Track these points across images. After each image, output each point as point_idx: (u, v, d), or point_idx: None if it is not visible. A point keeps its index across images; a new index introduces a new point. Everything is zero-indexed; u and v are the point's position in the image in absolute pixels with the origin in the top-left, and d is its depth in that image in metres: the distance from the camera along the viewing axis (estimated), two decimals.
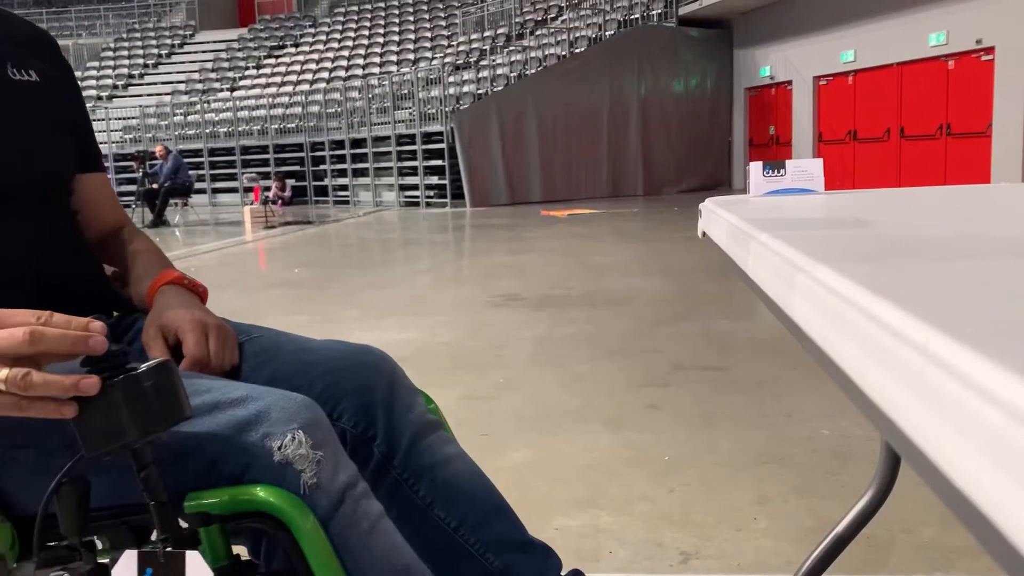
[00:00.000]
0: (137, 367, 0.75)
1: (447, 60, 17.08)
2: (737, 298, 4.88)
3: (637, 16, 16.20)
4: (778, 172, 1.41)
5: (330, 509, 0.84)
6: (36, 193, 1.08)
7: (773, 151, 15.81)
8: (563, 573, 1.10)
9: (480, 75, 15.66)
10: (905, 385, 0.33)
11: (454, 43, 18.78)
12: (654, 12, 16.31)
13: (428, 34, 19.80)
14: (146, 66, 21.93)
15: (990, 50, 11.22)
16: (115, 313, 1.16)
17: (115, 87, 20.93)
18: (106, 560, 0.85)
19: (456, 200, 14.63)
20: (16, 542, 0.88)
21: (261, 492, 0.82)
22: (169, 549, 0.79)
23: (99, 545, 0.88)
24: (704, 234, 1.22)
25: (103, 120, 18.35)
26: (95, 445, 0.75)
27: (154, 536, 0.83)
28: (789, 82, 15.28)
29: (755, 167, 1.41)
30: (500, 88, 15.06)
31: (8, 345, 0.71)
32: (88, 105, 1.37)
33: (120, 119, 19.00)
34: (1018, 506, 0.24)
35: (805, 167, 1.41)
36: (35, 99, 1.10)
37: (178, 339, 1.03)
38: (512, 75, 15.32)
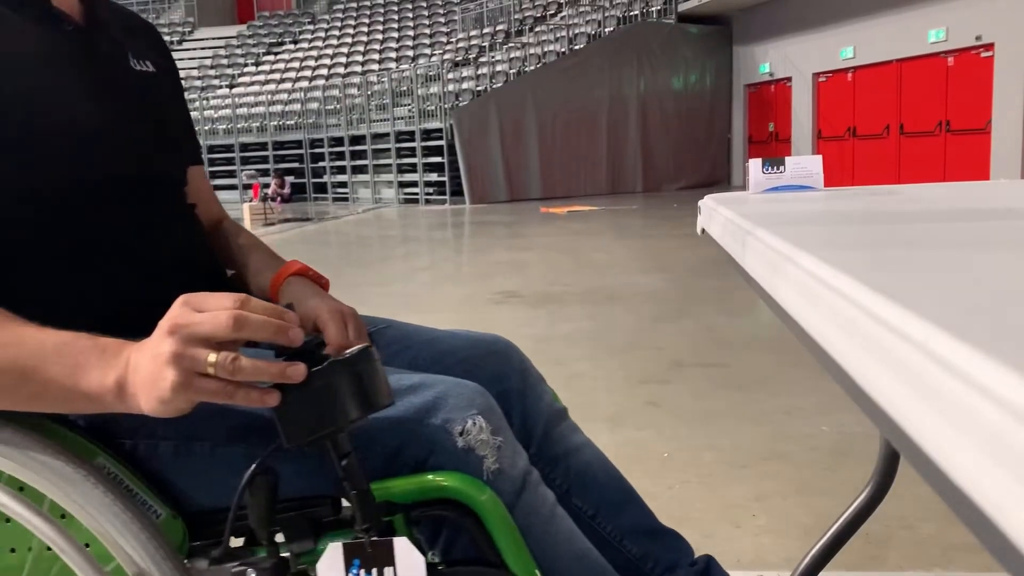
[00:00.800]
0: (342, 354, 0.73)
1: (446, 57, 17.07)
2: (737, 295, 4.88)
3: (636, 12, 16.19)
4: (777, 169, 1.41)
5: (513, 495, 0.83)
6: (165, 185, 1.06)
7: (772, 148, 15.81)
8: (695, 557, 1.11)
9: (479, 72, 15.65)
10: (904, 382, 0.33)
11: (453, 40, 18.77)
12: (653, 8, 16.30)
13: (427, 31, 19.79)
14: None
15: (989, 47, 11.22)
16: None
17: None
18: (287, 555, 0.83)
19: (455, 197, 14.63)
20: (187, 538, 0.86)
21: (449, 479, 0.81)
22: (375, 538, 0.77)
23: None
24: (703, 231, 1.22)
25: None
26: (297, 434, 0.73)
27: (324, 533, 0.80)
28: (788, 79, 15.27)
29: (754, 164, 1.41)
30: (499, 85, 15.05)
31: (212, 328, 0.69)
32: None
33: None
34: (1018, 504, 0.23)
35: (804, 164, 1.41)
36: (155, 90, 1.09)
37: (316, 329, 1.02)
38: (511, 72, 15.31)
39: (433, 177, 15.11)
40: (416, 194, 15.23)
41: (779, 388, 3.08)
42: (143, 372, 0.71)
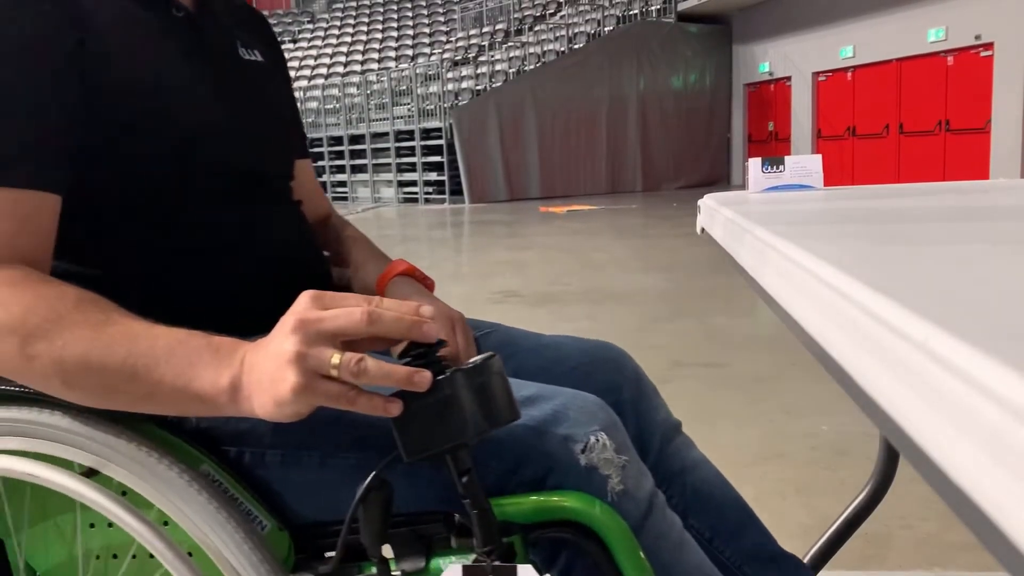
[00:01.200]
0: (466, 363, 0.68)
1: (445, 56, 17.07)
2: (736, 294, 4.88)
3: (636, 12, 16.19)
4: (777, 168, 1.41)
5: (639, 518, 0.77)
6: (277, 179, 1.03)
7: (772, 147, 15.82)
8: None
9: (479, 71, 15.65)
10: (903, 382, 0.33)
11: (452, 39, 18.77)
12: (653, 8, 16.30)
13: (427, 30, 19.79)
14: None
15: (989, 46, 11.22)
16: None
17: None
18: (397, 573, 0.78)
19: (455, 196, 14.62)
20: (292, 551, 0.82)
21: (571, 499, 0.75)
22: (496, 563, 0.71)
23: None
24: (703, 230, 1.22)
25: None
26: (417, 447, 0.68)
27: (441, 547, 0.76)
28: (788, 78, 15.28)
29: (754, 163, 1.41)
30: (499, 84, 15.05)
31: (347, 323, 0.64)
32: None
33: None
34: (1017, 503, 0.24)
35: (804, 163, 1.41)
36: (264, 80, 1.05)
37: None
38: (511, 71, 15.31)
39: (432, 176, 15.11)
40: (415, 193, 15.23)
41: (779, 388, 3.08)
42: (260, 372, 0.66)
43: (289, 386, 0.64)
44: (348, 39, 20.63)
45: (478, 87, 15.12)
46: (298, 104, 1.20)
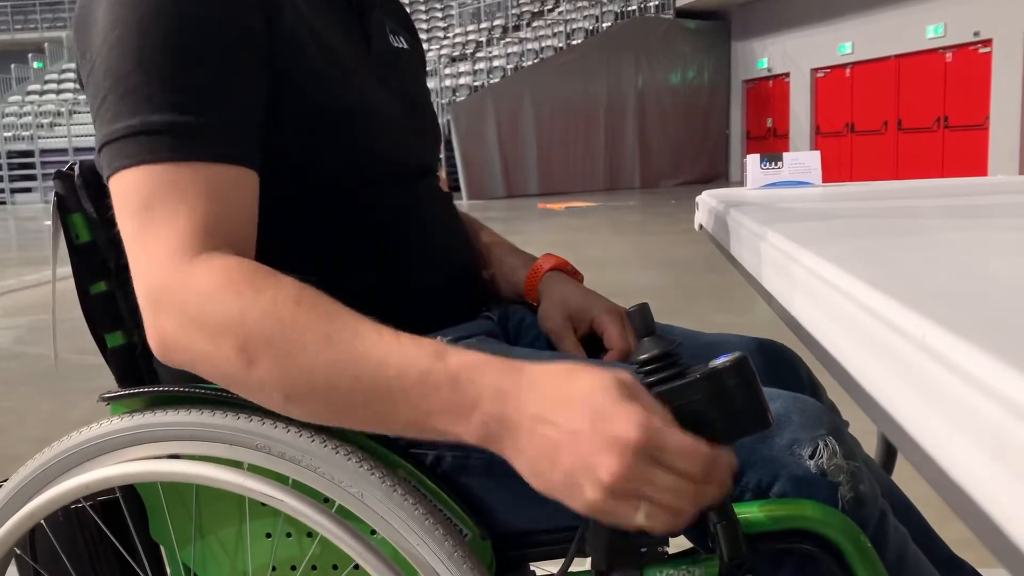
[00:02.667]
0: (710, 365, 0.61)
1: (443, 52, 17.05)
2: (734, 292, 4.88)
3: (634, 7, 16.18)
4: (775, 165, 1.41)
5: (873, 527, 0.72)
6: (427, 170, 0.97)
7: (770, 143, 15.81)
8: None
9: (476, 67, 15.64)
10: (901, 378, 0.33)
11: (450, 35, 18.74)
12: (651, 4, 16.30)
13: (424, 25, 19.76)
14: None
15: (987, 42, 11.22)
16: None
17: None
18: None
19: (452, 193, 14.60)
20: (494, 563, 0.78)
21: (804, 507, 0.70)
22: None
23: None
24: (701, 227, 1.22)
25: None
26: None
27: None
28: (787, 74, 15.27)
29: (752, 160, 1.41)
30: (496, 80, 15.04)
31: (686, 469, 0.55)
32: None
33: None
34: (1015, 500, 0.24)
35: (802, 160, 1.41)
36: (414, 69, 1.02)
37: (590, 330, 0.94)
38: (508, 67, 15.30)
39: None
40: None
41: None
42: (546, 434, 0.57)
43: (587, 496, 0.56)
44: None
45: (475, 83, 15.11)
46: None
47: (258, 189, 0.74)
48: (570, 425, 0.56)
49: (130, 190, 0.69)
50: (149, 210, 0.68)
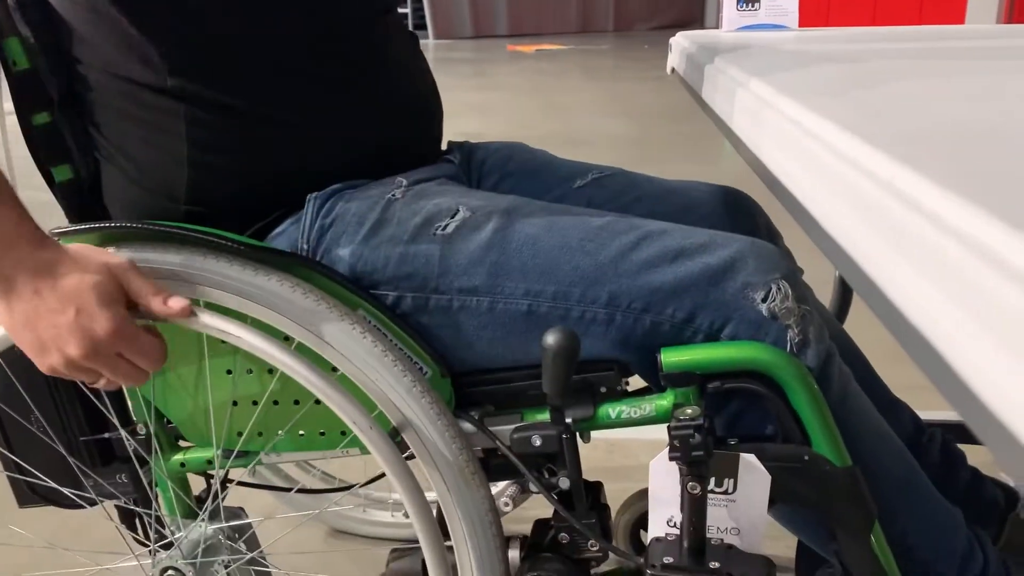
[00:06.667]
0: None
1: None
2: (703, 142, 4.85)
3: None
4: (752, 6, 1.36)
5: (820, 369, 0.74)
6: (393, 7, 0.97)
7: None
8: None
9: None
10: (866, 221, 0.33)
11: None
12: None
13: None
14: None
15: None
16: None
17: None
18: (569, 421, 0.77)
19: (419, 31, 13.98)
20: (453, 399, 0.81)
21: (754, 349, 0.72)
22: (720, 450, 0.71)
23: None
24: (673, 70, 1.18)
25: None
26: None
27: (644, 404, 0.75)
28: None
29: (728, 1, 1.37)
30: None
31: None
32: None
33: None
34: (971, 340, 0.24)
35: (779, 1, 1.37)
36: None
37: None
38: None
39: None
40: None
41: None
42: (36, 306, 0.66)
43: (51, 361, 0.68)
44: None
45: None
46: None
47: None
48: (57, 307, 0.66)
49: None
50: None
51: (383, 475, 0.97)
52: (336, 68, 0.85)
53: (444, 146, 1.03)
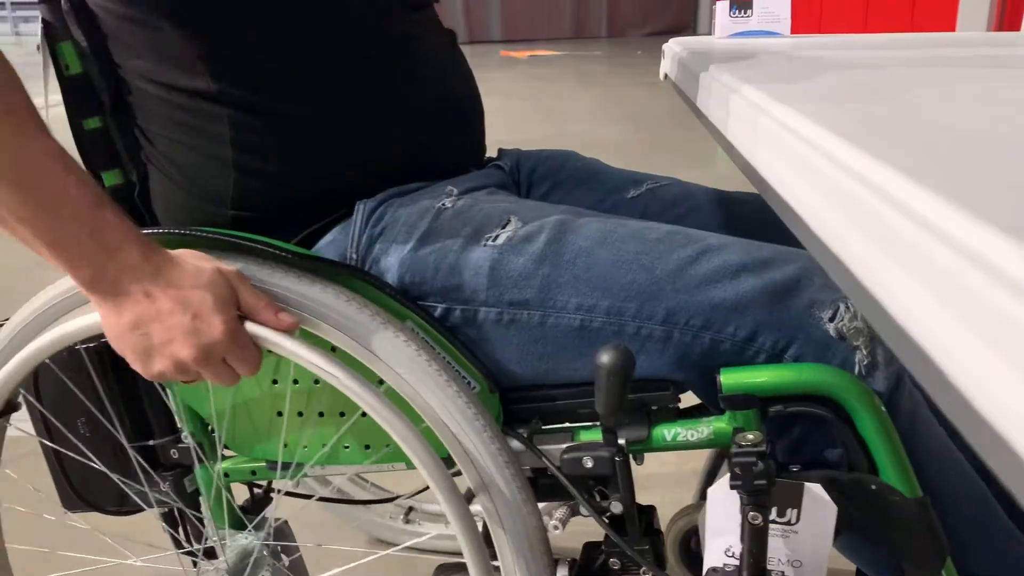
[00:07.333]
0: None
1: None
2: (696, 146, 4.86)
3: None
4: (745, 13, 1.37)
5: (889, 393, 0.69)
6: (429, 3, 0.95)
7: None
8: None
9: None
10: (859, 225, 0.33)
11: None
12: None
13: None
14: None
15: None
16: None
17: None
18: (622, 441, 0.74)
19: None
20: (501, 415, 0.78)
21: (816, 372, 0.68)
22: (782, 479, 0.66)
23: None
24: (666, 76, 1.19)
25: None
26: None
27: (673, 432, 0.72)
28: None
29: (721, 7, 1.37)
30: None
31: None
32: None
33: None
34: (963, 346, 0.24)
35: (772, 8, 1.38)
36: None
37: None
38: None
39: None
40: None
41: None
42: (147, 308, 0.65)
43: (155, 366, 0.66)
44: None
45: None
46: None
47: None
48: (172, 309, 0.65)
49: None
50: None
51: (426, 488, 0.97)
52: (371, 69, 0.84)
53: (493, 153, 1.00)
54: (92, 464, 0.84)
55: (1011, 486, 0.23)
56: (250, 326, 0.69)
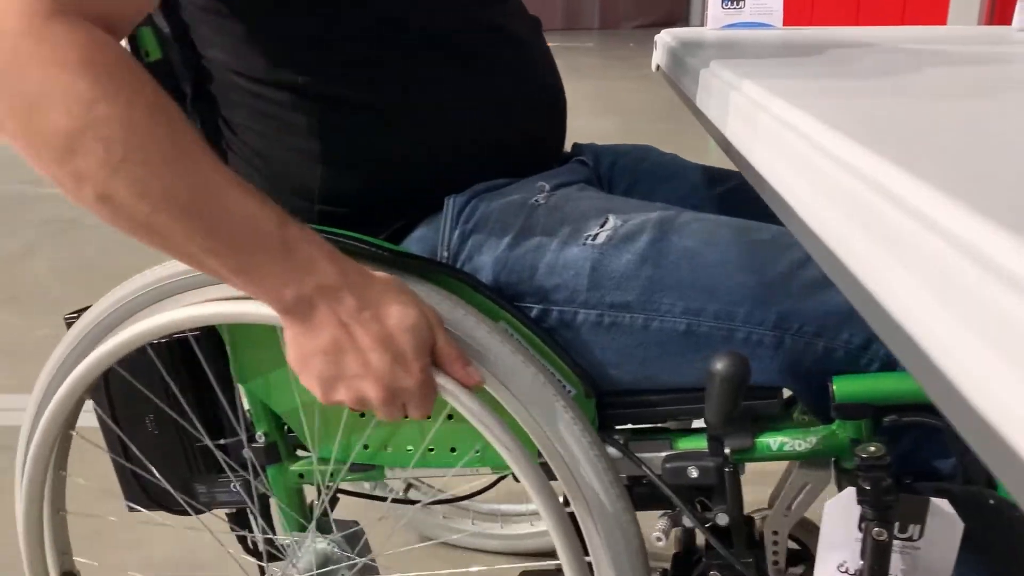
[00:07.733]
0: None
1: None
2: (687, 140, 4.86)
3: None
4: (737, 5, 1.37)
5: None
6: None
7: None
8: None
9: None
10: (853, 218, 0.32)
11: None
12: None
13: None
14: None
15: None
16: None
17: None
18: (727, 452, 0.71)
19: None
20: (596, 421, 0.75)
21: None
22: (907, 495, 0.64)
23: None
24: (658, 67, 1.18)
25: None
26: None
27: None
28: None
29: None
30: None
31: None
32: None
33: None
34: (962, 345, 0.23)
35: (764, 0, 1.37)
36: None
37: None
38: None
39: None
40: None
41: None
42: (343, 338, 0.62)
43: (337, 396, 0.64)
44: None
45: None
46: None
47: None
48: (372, 346, 0.62)
49: None
50: None
51: (488, 488, 0.94)
52: (464, 59, 0.81)
53: (568, 147, 0.97)
54: (160, 461, 0.81)
55: (1011, 486, 0.22)
56: (437, 375, 0.66)
